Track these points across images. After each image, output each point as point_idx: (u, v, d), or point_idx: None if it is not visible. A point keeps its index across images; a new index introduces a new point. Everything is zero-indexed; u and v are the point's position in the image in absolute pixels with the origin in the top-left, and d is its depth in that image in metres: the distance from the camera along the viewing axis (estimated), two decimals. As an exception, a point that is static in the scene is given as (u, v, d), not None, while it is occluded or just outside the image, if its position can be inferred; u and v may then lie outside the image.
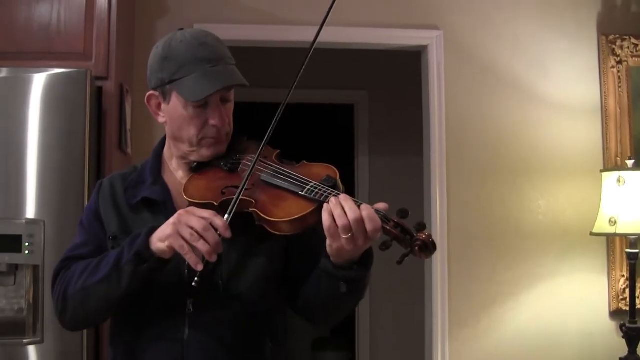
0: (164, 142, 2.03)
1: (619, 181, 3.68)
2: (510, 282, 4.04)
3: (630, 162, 3.71)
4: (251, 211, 1.73)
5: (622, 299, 4.00)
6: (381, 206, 1.65)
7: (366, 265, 1.73)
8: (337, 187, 1.71)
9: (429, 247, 1.58)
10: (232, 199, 1.73)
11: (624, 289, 3.98)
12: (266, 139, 1.82)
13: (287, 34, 4.01)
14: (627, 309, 3.80)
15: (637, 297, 3.76)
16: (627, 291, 3.86)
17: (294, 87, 1.81)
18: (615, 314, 4.03)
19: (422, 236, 1.59)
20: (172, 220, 1.70)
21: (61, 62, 3.22)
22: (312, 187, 1.70)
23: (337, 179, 1.74)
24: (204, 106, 1.85)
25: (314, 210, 1.66)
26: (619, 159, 4.05)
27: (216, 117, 1.86)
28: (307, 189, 1.70)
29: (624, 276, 4.00)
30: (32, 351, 2.96)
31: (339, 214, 1.60)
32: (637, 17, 4.23)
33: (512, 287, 4.04)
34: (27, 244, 2.94)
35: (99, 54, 3.32)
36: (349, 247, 1.63)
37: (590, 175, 4.03)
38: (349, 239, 1.60)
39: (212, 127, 1.87)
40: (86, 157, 3.06)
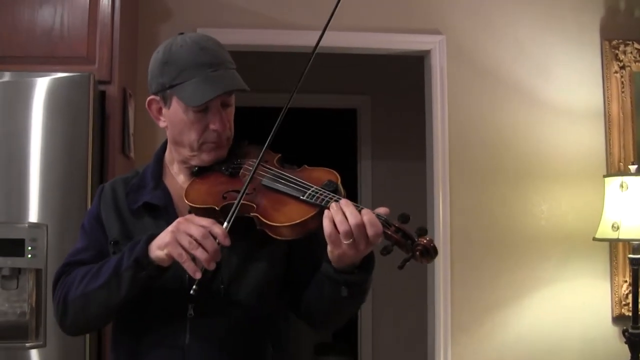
0: (165, 146, 2.03)
1: (621, 186, 3.67)
2: (512, 286, 4.03)
3: (633, 168, 3.71)
4: (252, 216, 1.72)
5: (624, 305, 3.99)
6: (382, 211, 1.64)
7: (367, 269, 1.72)
8: (338, 192, 1.71)
9: (430, 252, 1.58)
10: (233, 204, 1.72)
11: (627, 295, 3.98)
12: (267, 143, 1.82)
13: (289, 38, 4.02)
14: (630, 314, 3.78)
15: (640, 303, 3.76)
16: (630, 296, 3.85)
17: (295, 92, 1.81)
18: (617, 319, 4.03)
19: (423, 241, 1.58)
20: (170, 228, 1.69)
21: (64, 66, 3.22)
22: (313, 191, 1.69)
23: (338, 184, 1.74)
24: (205, 111, 1.84)
25: (315, 215, 1.66)
26: (622, 164, 4.05)
27: (217, 121, 1.86)
28: (308, 193, 1.69)
29: (626, 281, 4.00)
30: (34, 355, 2.96)
31: (340, 219, 1.59)
32: (640, 22, 4.24)
33: (515, 291, 4.03)
34: (29, 248, 2.94)
35: (102, 58, 3.32)
36: (351, 252, 1.62)
37: (593, 180, 4.03)
38: (351, 244, 1.60)
39: (212, 131, 1.86)
40: (89, 161, 3.06)
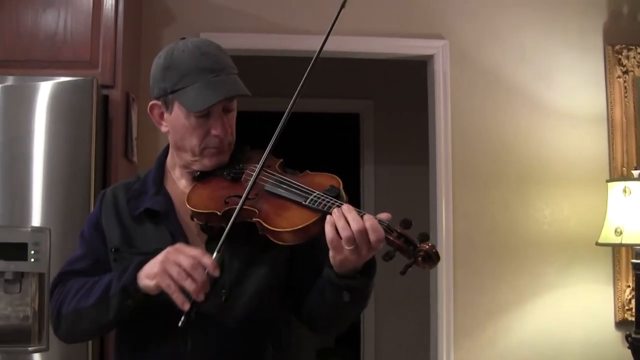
0: (167, 151, 2.03)
1: (625, 191, 3.67)
2: (515, 291, 4.03)
3: (636, 172, 3.71)
4: (254, 221, 1.72)
5: (627, 310, 3.99)
6: (384, 216, 1.64)
7: (369, 274, 1.72)
8: (340, 197, 1.70)
9: (432, 257, 1.58)
10: (235, 209, 1.72)
11: (630, 300, 3.97)
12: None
13: (291, 43, 4.02)
14: (633, 319, 3.77)
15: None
16: (633, 301, 3.84)
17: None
18: (620, 324, 4.02)
19: (425, 246, 1.58)
20: (160, 257, 1.68)
21: (67, 71, 3.23)
22: (315, 197, 1.69)
23: (341, 189, 1.73)
24: (207, 116, 1.84)
25: (317, 220, 1.66)
26: (624, 169, 4.05)
27: (218, 127, 1.85)
28: (311, 199, 1.69)
29: (629, 286, 3.99)
30: (37, 359, 2.95)
31: (343, 225, 1.59)
32: (643, 27, 4.24)
33: (517, 296, 4.03)
34: (32, 252, 2.94)
35: (105, 62, 3.33)
36: (352, 258, 1.62)
37: (596, 185, 4.02)
38: (353, 250, 1.60)
39: (214, 137, 1.86)
40: (92, 165, 3.06)
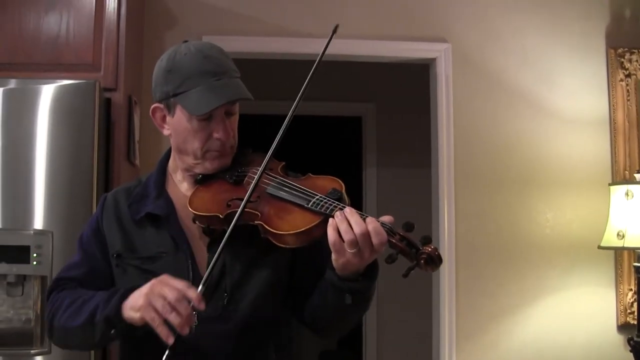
0: (169, 154, 2.03)
1: (627, 194, 3.67)
2: (517, 294, 4.03)
3: (638, 176, 3.70)
4: (257, 224, 1.73)
5: (629, 313, 3.98)
6: (387, 219, 1.65)
7: (371, 276, 1.72)
8: (342, 200, 1.71)
9: (434, 260, 1.58)
10: (237, 212, 1.72)
11: (632, 303, 3.97)
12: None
13: (294, 46, 4.02)
14: (635, 322, 3.77)
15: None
16: (635, 305, 3.85)
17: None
18: (622, 327, 4.02)
19: (428, 249, 1.58)
20: (144, 290, 1.67)
21: (70, 74, 3.23)
22: (317, 199, 1.69)
23: (343, 192, 1.74)
24: (209, 119, 1.84)
25: (320, 223, 1.66)
26: (627, 172, 4.04)
27: (220, 130, 1.85)
28: (313, 201, 1.69)
29: (631, 290, 3.99)
30: (39, 362, 2.97)
31: (345, 228, 1.59)
32: (646, 30, 4.24)
33: (519, 299, 4.03)
34: (35, 255, 2.95)
35: (108, 65, 3.33)
36: (355, 261, 1.63)
37: (598, 188, 4.02)
38: (355, 253, 1.60)
39: (216, 140, 1.86)
40: (94, 168, 3.07)
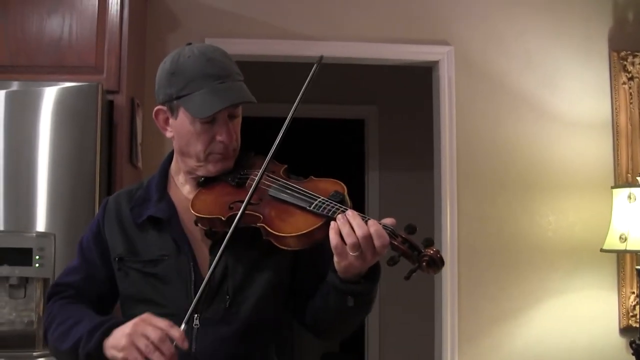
0: (170, 157, 2.03)
1: (629, 198, 3.67)
2: (519, 297, 4.02)
3: (641, 179, 3.71)
4: (259, 226, 1.72)
5: (632, 316, 3.98)
6: (389, 221, 1.65)
7: (373, 279, 1.72)
8: (344, 203, 1.70)
9: (436, 262, 1.58)
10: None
11: (634, 306, 3.97)
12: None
13: (297, 49, 4.01)
14: (638, 325, 3.78)
15: (648, 314, 3.75)
16: (638, 308, 3.85)
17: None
18: (625, 330, 4.01)
19: (430, 252, 1.58)
20: (127, 329, 1.65)
21: (72, 76, 3.24)
22: (319, 202, 1.69)
23: (345, 195, 1.73)
24: (212, 122, 1.84)
25: (322, 225, 1.66)
26: (629, 175, 4.04)
27: (223, 133, 1.85)
28: (315, 204, 1.69)
29: (634, 293, 3.98)
30: (41, 364, 2.97)
31: (347, 231, 1.59)
32: (648, 33, 4.23)
33: (522, 302, 4.02)
34: (37, 257, 2.95)
35: (110, 67, 3.33)
36: (357, 263, 1.63)
37: (600, 191, 4.02)
38: (357, 255, 1.60)
39: (219, 142, 1.86)
40: (97, 170, 3.07)
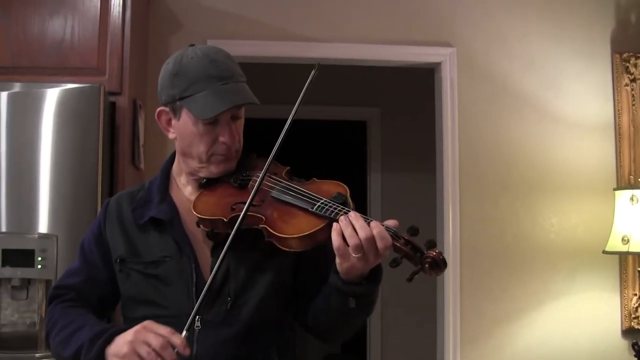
0: (172, 158, 2.03)
1: (632, 199, 3.66)
2: (521, 299, 4.02)
3: (643, 181, 3.71)
4: (261, 227, 1.72)
5: (634, 318, 3.97)
6: (391, 223, 1.65)
7: (375, 280, 1.72)
8: (347, 204, 1.70)
9: (439, 264, 1.58)
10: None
11: (637, 308, 3.96)
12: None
13: (298, 50, 4.00)
14: (640, 327, 3.78)
15: (650, 316, 3.74)
16: (640, 310, 3.85)
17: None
18: (627, 332, 4.01)
19: (432, 253, 1.58)
20: (129, 337, 1.65)
21: (74, 77, 3.24)
22: (322, 204, 1.69)
23: (347, 196, 1.73)
24: (214, 123, 1.84)
25: (324, 227, 1.66)
26: (632, 177, 4.03)
27: (226, 134, 1.85)
28: (317, 205, 1.69)
29: (636, 295, 3.98)
30: (43, 365, 2.97)
31: (350, 233, 1.59)
32: (651, 35, 4.23)
33: (524, 304, 4.02)
34: (39, 259, 2.95)
35: (113, 69, 3.33)
36: (359, 265, 1.63)
37: (603, 193, 4.02)
38: (360, 257, 1.60)
39: (222, 144, 1.86)
40: (99, 172, 3.07)
